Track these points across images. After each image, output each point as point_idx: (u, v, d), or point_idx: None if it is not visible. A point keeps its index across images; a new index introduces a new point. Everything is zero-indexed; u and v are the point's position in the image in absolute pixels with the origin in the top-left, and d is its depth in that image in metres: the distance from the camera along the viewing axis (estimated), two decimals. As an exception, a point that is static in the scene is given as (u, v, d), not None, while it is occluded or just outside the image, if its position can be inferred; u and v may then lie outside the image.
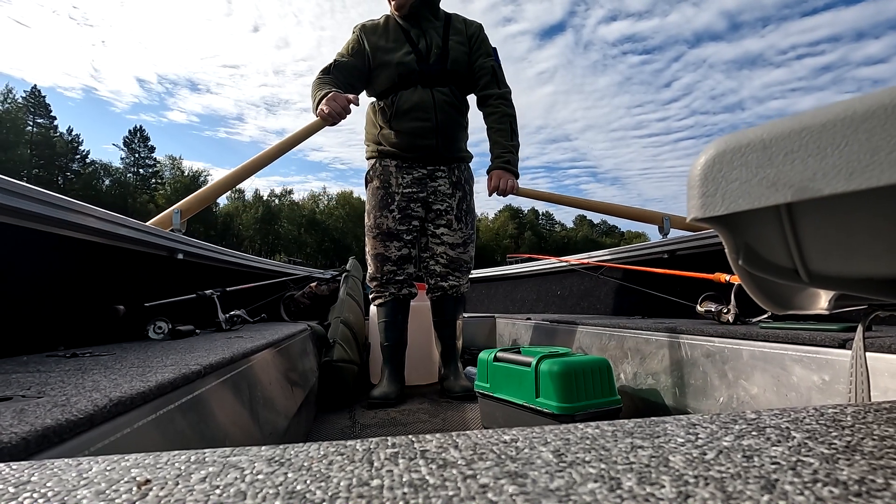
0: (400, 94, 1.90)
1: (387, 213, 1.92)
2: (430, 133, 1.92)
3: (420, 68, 1.90)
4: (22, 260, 1.11)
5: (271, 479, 0.29)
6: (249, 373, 1.04)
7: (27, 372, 0.77)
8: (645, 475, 0.28)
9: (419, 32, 1.95)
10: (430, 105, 1.90)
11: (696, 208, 0.37)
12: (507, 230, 78.52)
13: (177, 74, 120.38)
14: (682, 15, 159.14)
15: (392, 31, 1.95)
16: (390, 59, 1.90)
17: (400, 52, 1.91)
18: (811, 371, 0.94)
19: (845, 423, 0.39)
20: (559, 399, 1.16)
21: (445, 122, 1.93)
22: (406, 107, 1.89)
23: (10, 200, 0.98)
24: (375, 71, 1.95)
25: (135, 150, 59.52)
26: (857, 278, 0.41)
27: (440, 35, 1.97)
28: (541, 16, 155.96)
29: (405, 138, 1.92)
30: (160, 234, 1.61)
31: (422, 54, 1.92)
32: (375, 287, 2.01)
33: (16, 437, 0.39)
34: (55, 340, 1.17)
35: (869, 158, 0.28)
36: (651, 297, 2.04)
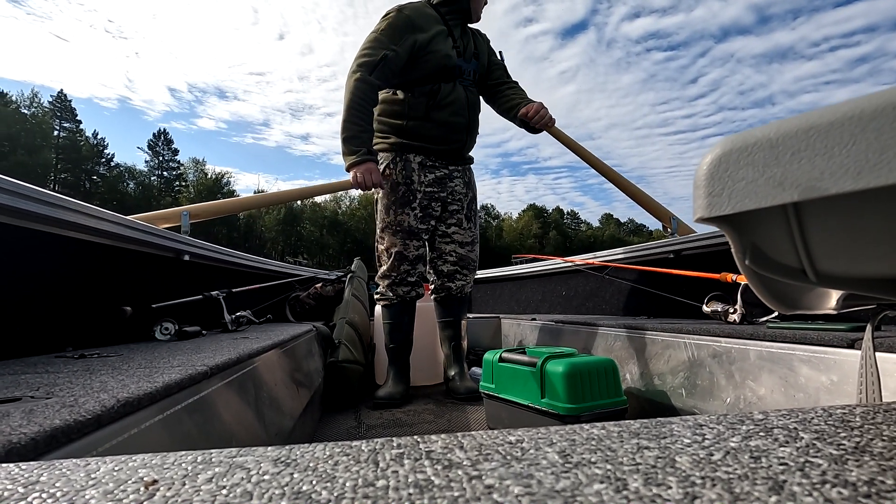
0: (441, 85, 1.86)
1: (408, 211, 1.88)
2: (462, 130, 1.92)
3: (459, 64, 1.91)
4: (30, 262, 1.12)
5: (277, 480, 0.29)
6: (255, 373, 1.05)
7: (36, 373, 0.78)
8: (651, 476, 0.28)
9: (460, 31, 1.96)
10: (465, 102, 1.90)
11: (703, 208, 0.36)
12: (532, 230, 77.90)
13: (206, 83, 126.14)
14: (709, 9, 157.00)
15: (435, 22, 1.89)
16: (438, 50, 1.84)
17: (447, 44, 1.88)
18: (819, 371, 0.93)
19: (854, 423, 0.38)
20: (565, 400, 1.16)
21: (473, 121, 1.96)
22: (447, 100, 1.87)
23: (17, 203, 0.99)
24: (419, 58, 1.84)
25: (159, 153, 60.73)
26: (865, 278, 0.41)
27: (470, 38, 2.00)
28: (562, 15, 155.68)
29: (440, 131, 1.88)
30: (167, 235, 1.62)
31: (460, 51, 1.93)
32: (387, 285, 1.94)
33: (25, 437, 0.40)
34: (63, 341, 1.18)
35: (877, 157, 0.27)
36: (657, 298, 2.03)
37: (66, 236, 1.20)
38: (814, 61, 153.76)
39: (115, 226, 1.32)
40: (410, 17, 1.82)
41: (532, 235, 77.49)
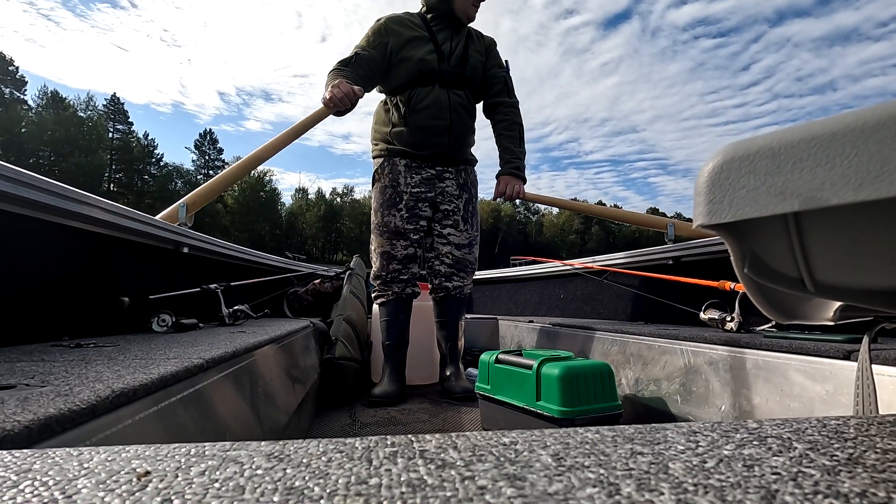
0: (417, 90, 1.91)
1: (394, 212, 1.93)
2: (443, 132, 1.93)
3: (440, 68, 1.92)
4: (29, 250, 1.12)
5: (270, 475, 0.29)
6: (251, 368, 1.05)
7: (31, 361, 0.78)
8: (644, 482, 0.28)
9: (446, 36, 1.97)
10: (446, 105, 1.92)
11: (703, 215, 0.36)
12: (573, 225, 76.97)
13: (252, 86, 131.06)
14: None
15: (418, 29, 1.96)
16: (412, 55, 1.90)
17: (423, 49, 1.92)
18: (815, 381, 0.94)
19: (848, 434, 0.38)
20: (560, 403, 1.16)
21: (458, 123, 1.96)
22: (422, 104, 1.90)
23: (16, 190, 0.99)
24: (395, 66, 1.93)
25: (205, 152, 62.78)
26: (863, 289, 0.41)
27: (462, 41, 2.01)
28: (604, 5, 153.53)
29: (418, 135, 1.92)
30: (167, 227, 1.62)
31: (443, 55, 1.94)
32: (379, 285, 2.01)
33: (18, 425, 0.40)
34: (60, 330, 1.18)
35: (879, 169, 0.27)
36: (655, 303, 2.03)
37: (65, 225, 1.20)
38: (881, 42, 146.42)
39: (115, 216, 1.31)
40: (385, 24, 1.96)
41: (574, 231, 76.66)
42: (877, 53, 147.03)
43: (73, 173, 47.07)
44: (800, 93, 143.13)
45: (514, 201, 2.10)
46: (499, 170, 2.08)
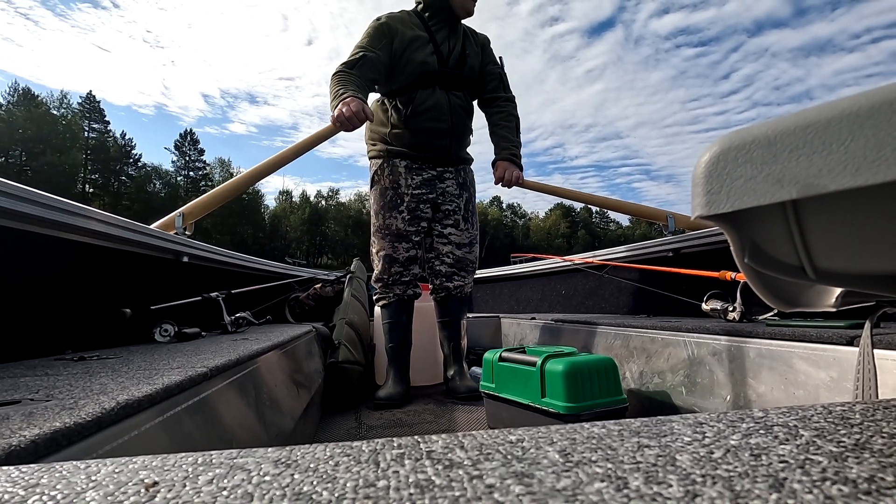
0: (417, 92, 1.89)
1: (396, 214, 1.92)
2: (444, 135, 1.92)
3: (440, 70, 1.91)
4: (29, 264, 1.12)
5: (278, 481, 0.29)
6: (255, 374, 1.05)
7: (35, 375, 0.78)
8: (652, 474, 0.28)
9: (444, 35, 1.96)
10: (446, 108, 1.91)
11: (701, 206, 0.36)
12: (560, 229, 77.13)
13: (237, 89, 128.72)
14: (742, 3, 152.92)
15: (417, 29, 1.92)
16: (414, 58, 1.87)
17: (424, 51, 1.89)
18: (819, 368, 0.94)
19: (854, 420, 0.38)
20: (565, 399, 1.16)
21: (459, 125, 1.95)
22: (423, 107, 1.88)
23: (16, 205, 0.99)
24: (397, 67, 1.89)
25: (185, 153, 60.91)
26: (864, 275, 0.41)
27: (459, 41, 1.99)
28: (589, 13, 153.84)
29: (419, 138, 1.91)
30: (166, 237, 1.62)
31: (443, 57, 1.93)
32: (380, 287, 2.01)
33: (25, 440, 0.40)
34: (63, 344, 1.18)
35: (875, 154, 0.27)
36: (656, 296, 2.04)
37: (64, 238, 1.20)
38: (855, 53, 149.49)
39: (114, 228, 1.31)
40: (386, 23, 1.90)
41: (560, 235, 76.78)
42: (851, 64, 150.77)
43: (46, 172, 45.67)
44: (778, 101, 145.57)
45: (512, 187, 2.07)
46: (494, 157, 2.04)
